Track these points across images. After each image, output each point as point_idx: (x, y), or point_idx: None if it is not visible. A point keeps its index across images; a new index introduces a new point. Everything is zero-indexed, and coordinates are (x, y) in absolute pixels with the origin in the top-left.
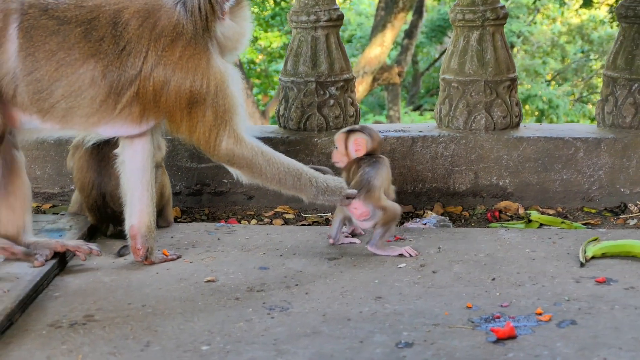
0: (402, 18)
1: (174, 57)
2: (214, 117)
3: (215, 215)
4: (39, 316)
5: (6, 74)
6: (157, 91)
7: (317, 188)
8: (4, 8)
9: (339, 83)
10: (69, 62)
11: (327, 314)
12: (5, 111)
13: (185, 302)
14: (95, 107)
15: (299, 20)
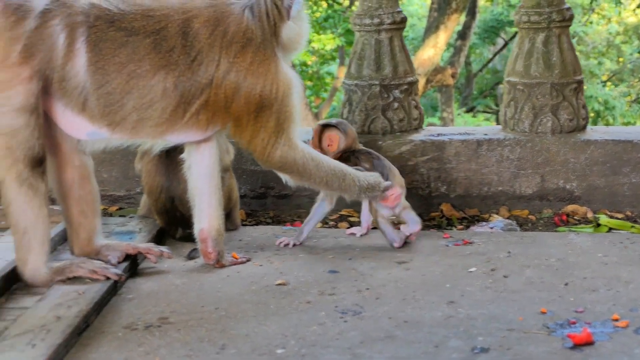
0: (455, 19)
1: (245, 63)
2: (276, 124)
3: (280, 218)
4: (114, 318)
5: (75, 87)
6: (229, 97)
7: (360, 187)
8: (69, 22)
9: (403, 86)
10: (140, 74)
11: (400, 318)
12: (73, 122)
13: (257, 305)
14: (165, 117)
15: (363, 23)
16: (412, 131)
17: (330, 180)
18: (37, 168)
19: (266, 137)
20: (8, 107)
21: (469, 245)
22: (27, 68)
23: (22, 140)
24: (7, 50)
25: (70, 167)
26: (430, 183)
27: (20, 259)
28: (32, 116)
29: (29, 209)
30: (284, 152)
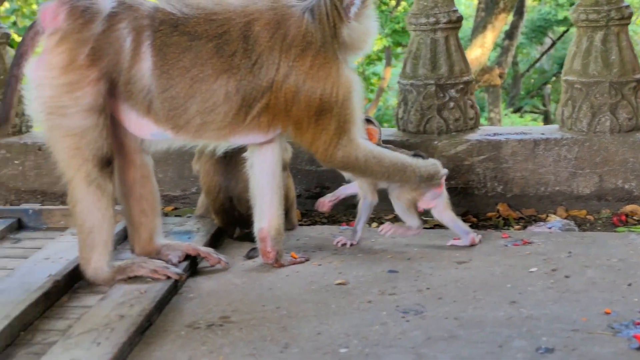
0: (502, 19)
1: (304, 66)
2: (336, 126)
3: (335, 218)
4: (176, 317)
5: (141, 90)
6: (289, 101)
7: (420, 177)
8: (136, 26)
9: (458, 85)
10: (203, 79)
11: (462, 318)
12: (138, 123)
13: (318, 305)
14: (227, 120)
15: (418, 22)
16: (468, 131)
17: (392, 174)
18: (106, 168)
19: (327, 139)
20: (77, 107)
21: (528, 245)
22: (95, 70)
23: (91, 141)
24: (75, 53)
25: (132, 167)
26: (486, 183)
27: (83, 257)
28: (100, 117)
29: (96, 209)
30: (345, 152)
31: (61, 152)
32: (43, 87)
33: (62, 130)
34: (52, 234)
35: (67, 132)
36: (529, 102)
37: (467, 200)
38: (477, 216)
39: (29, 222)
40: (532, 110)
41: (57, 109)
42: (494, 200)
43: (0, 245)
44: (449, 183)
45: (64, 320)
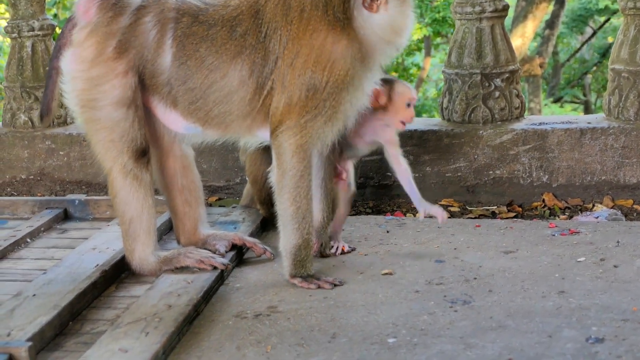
0: (544, 8)
1: (303, 36)
2: (305, 105)
3: (380, 208)
4: (223, 307)
5: (164, 84)
6: (286, 72)
7: (297, 243)
8: (161, 18)
9: (504, 75)
10: (218, 67)
11: (511, 308)
12: (168, 116)
13: (365, 295)
14: (245, 108)
15: (464, 11)
16: (513, 120)
17: (293, 209)
18: (141, 159)
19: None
20: (106, 100)
21: (575, 234)
22: (122, 63)
23: (124, 133)
24: (103, 46)
25: (172, 157)
26: (532, 172)
27: (127, 248)
28: (129, 109)
29: (135, 199)
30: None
31: (97, 145)
32: (75, 80)
33: (95, 123)
34: (98, 224)
35: (101, 125)
36: (569, 92)
37: (512, 190)
38: (522, 206)
39: (75, 212)
40: (572, 100)
41: (89, 101)
42: (540, 190)
43: (48, 235)
44: (494, 172)
45: (112, 310)
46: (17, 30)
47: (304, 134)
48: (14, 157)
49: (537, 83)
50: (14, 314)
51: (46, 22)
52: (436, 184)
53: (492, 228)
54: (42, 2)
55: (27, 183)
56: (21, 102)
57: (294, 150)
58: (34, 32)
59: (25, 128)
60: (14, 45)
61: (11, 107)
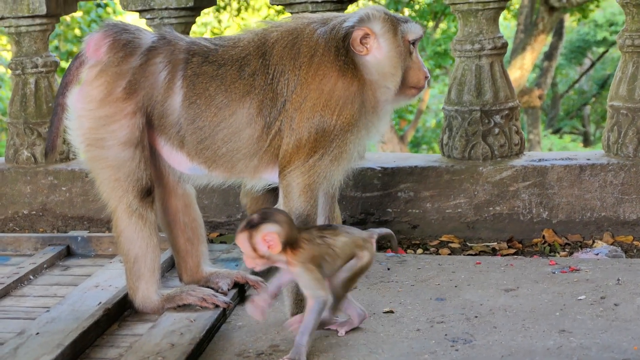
0: (542, 40)
1: (312, 80)
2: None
3: (380, 244)
4: (225, 346)
5: (173, 124)
6: (294, 113)
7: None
8: (172, 59)
9: (504, 111)
10: (227, 104)
11: (512, 347)
12: (174, 157)
13: (367, 333)
14: (253, 146)
15: (463, 49)
16: (513, 156)
17: None
18: (146, 198)
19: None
20: (113, 140)
21: (576, 272)
22: (131, 103)
23: (130, 172)
24: (112, 86)
25: (174, 196)
26: (531, 209)
27: (131, 287)
28: (137, 149)
29: (139, 238)
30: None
31: (103, 183)
32: (82, 119)
33: (101, 162)
34: (100, 261)
35: (107, 164)
36: (568, 123)
37: (512, 226)
38: (522, 242)
39: (78, 249)
40: (571, 132)
41: (95, 140)
42: (540, 226)
43: (50, 272)
44: (494, 209)
45: (115, 349)
46: (21, 67)
47: (312, 174)
48: (17, 193)
49: (536, 114)
50: (18, 352)
51: (49, 59)
52: (436, 220)
53: (492, 265)
54: (46, 40)
55: (29, 218)
56: (24, 138)
57: (301, 190)
58: (37, 68)
59: (28, 164)
60: (17, 81)
61: (14, 143)
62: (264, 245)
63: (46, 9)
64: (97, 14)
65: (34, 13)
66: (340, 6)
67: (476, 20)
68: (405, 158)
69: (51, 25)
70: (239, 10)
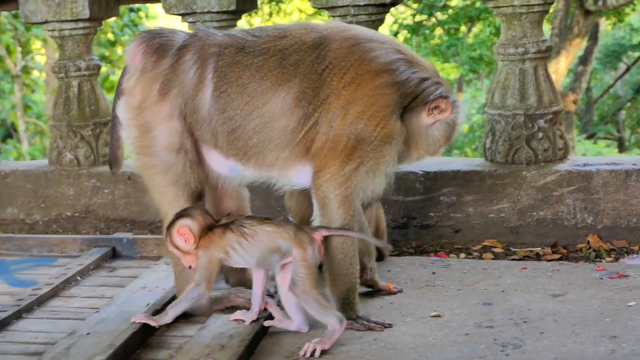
0: (577, 44)
1: (367, 89)
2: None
3: (423, 248)
4: (274, 347)
5: (204, 119)
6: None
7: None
8: (202, 54)
9: (547, 115)
10: (260, 92)
11: (563, 353)
12: (212, 157)
13: (415, 337)
14: (286, 137)
15: (507, 52)
16: (557, 161)
17: (341, 257)
18: (197, 202)
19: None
20: (157, 146)
21: (624, 278)
22: (165, 105)
23: (177, 177)
24: (148, 90)
25: (227, 198)
26: (576, 214)
27: (179, 289)
28: (179, 154)
29: None
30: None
31: (154, 190)
32: (129, 128)
33: (151, 169)
34: (146, 262)
35: (155, 170)
36: (602, 128)
37: (556, 231)
38: (566, 247)
39: (123, 250)
40: (605, 137)
41: (142, 148)
42: (584, 231)
43: (97, 273)
44: (538, 214)
45: (165, 350)
46: (64, 71)
47: (349, 185)
48: (60, 195)
49: (570, 119)
50: (70, 352)
51: (92, 62)
52: (479, 224)
53: (538, 270)
54: (89, 43)
55: (72, 220)
56: (67, 140)
57: (340, 202)
58: (80, 72)
59: (71, 166)
60: (60, 84)
61: (57, 146)
62: (181, 239)
63: (89, 12)
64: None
65: (77, 17)
66: (382, 9)
67: (520, 24)
68: (447, 162)
69: (94, 29)
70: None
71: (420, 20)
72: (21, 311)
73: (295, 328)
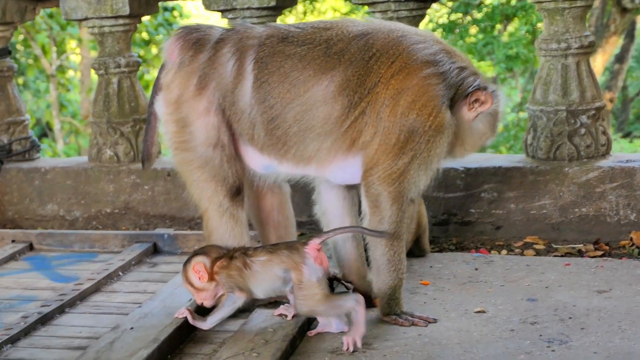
0: (613, 42)
1: (414, 79)
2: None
3: (463, 245)
4: (318, 343)
5: (243, 110)
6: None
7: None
8: (240, 46)
9: (590, 111)
10: (302, 81)
11: (610, 349)
12: (249, 153)
13: (460, 333)
14: (329, 126)
15: (549, 48)
16: (599, 157)
17: (391, 254)
18: (236, 197)
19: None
20: (195, 141)
21: None
22: (202, 100)
23: (215, 173)
24: (185, 85)
25: (269, 194)
26: (619, 210)
27: None
28: (216, 149)
29: (231, 238)
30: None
31: (192, 185)
32: (167, 123)
33: (189, 164)
34: None
35: (193, 166)
36: (638, 127)
37: (599, 228)
38: (609, 244)
39: (164, 246)
40: None
41: (180, 143)
42: (627, 228)
43: (138, 268)
44: (580, 210)
45: (208, 344)
46: (104, 67)
47: (402, 181)
48: (100, 191)
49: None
50: (114, 347)
51: (132, 59)
52: (520, 221)
53: (582, 267)
54: (128, 40)
55: (112, 217)
56: (107, 137)
57: (393, 199)
58: (120, 68)
59: (111, 163)
60: (100, 81)
61: (97, 142)
62: (195, 276)
63: (129, 9)
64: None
65: (117, 13)
66: (422, 5)
67: (562, 19)
68: (488, 158)
69: (133, 26)
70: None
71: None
72: (64, 306)
73: (336, 329)
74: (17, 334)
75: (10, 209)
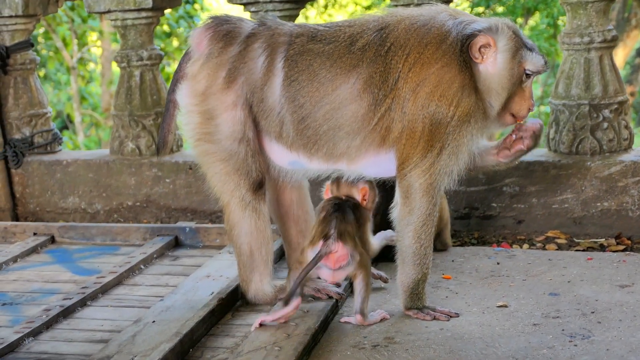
0: (634, 36)
1: (433, 61)
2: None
3: (485, 239)
4: (340, 337)
5: (272, 108)
6: (408, 98)
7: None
8: (272, 42)
9: (613, 105)
10: (330, 79)
11: (633, 344)
12: (275, 150)
13: (482, 327)
14: (357, 124)
15: (572, 42)
16: (621, 152)
17: (417, 246)
18: (259, 191)
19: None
20: (220, 134)
21: None
22: (230, 93)
23: (239, 166)
24: (213, 77)
25: (289, 189)
26: None
27: (244, 279)
28: (241, 143)
29: (254, 231)
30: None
31: (214, 178)
32: (191, 114)
33: (211, 156)
34: (209, 251)
35: (216, 158)
36: None
37: (620, 222)
38: (630, 239)
39: (186, 239)
40: None
41: (203, 135)
42: None
43: (160, 262)
44: (602, 204)
45: (230, 338)
46: (127, 60)
47: (433, 172)
48: (121, 184)
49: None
50: (136, 340)
51: (154, 52)
52: (542, 215)
53: (604, 261)
54: (151, 33)
55: (133, 210)
56: (129, 130)
57: (424, 190)
58: (142, 61)
59: (133, 156)
60: (122, 74)
61: (119, 135)
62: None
63: (152, 2)
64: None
65: (140, 6)
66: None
67: (585, 13)
68: None
69: (156, 19)
70: (326, 7)
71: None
72: (86, 299)
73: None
74: (39, 327)
75: (31, 202)
